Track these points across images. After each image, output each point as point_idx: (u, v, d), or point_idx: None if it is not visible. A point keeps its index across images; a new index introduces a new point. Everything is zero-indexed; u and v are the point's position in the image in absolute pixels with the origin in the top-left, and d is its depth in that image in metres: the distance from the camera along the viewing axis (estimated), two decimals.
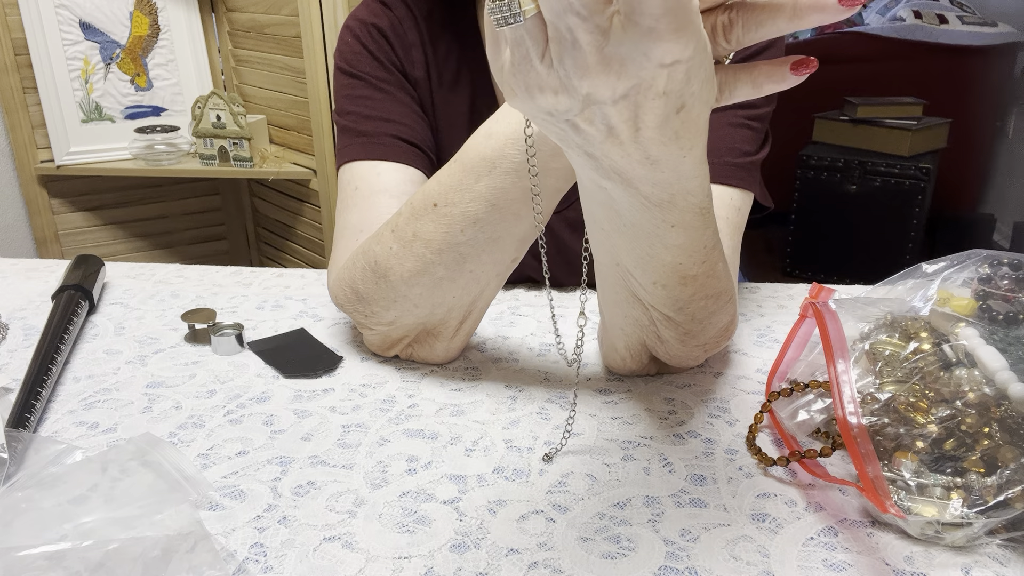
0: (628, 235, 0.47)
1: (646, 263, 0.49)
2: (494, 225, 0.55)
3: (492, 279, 0.59)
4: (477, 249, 0.56)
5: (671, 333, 0.56)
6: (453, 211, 0.55)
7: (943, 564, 0.42)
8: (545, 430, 0.55)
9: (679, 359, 0.59)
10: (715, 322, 0.55)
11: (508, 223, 0.55)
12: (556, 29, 0.33)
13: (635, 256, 0.49)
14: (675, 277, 0.50)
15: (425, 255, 0.56)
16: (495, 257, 0.57)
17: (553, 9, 0.32)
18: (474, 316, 0.62)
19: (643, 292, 0.52)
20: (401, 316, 0.61)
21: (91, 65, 2.00)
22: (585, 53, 0.33)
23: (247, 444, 0.54)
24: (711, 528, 0.45)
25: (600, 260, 0.53)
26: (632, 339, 0.59)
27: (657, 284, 0.50)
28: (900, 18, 2.96)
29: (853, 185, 2.61)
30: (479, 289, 0.59)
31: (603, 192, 0.44)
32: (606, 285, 0.55)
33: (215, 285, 0.83)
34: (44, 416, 0.58)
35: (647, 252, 0.48)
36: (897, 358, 0.50)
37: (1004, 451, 0.44)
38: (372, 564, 0.43)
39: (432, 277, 0.57)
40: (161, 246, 2.29)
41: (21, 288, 0.82)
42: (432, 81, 0.75)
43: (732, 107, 0.68)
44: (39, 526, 0.42)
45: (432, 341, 0.63)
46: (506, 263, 0.59)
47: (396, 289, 0.59)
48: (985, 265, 0.53)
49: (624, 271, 0.51)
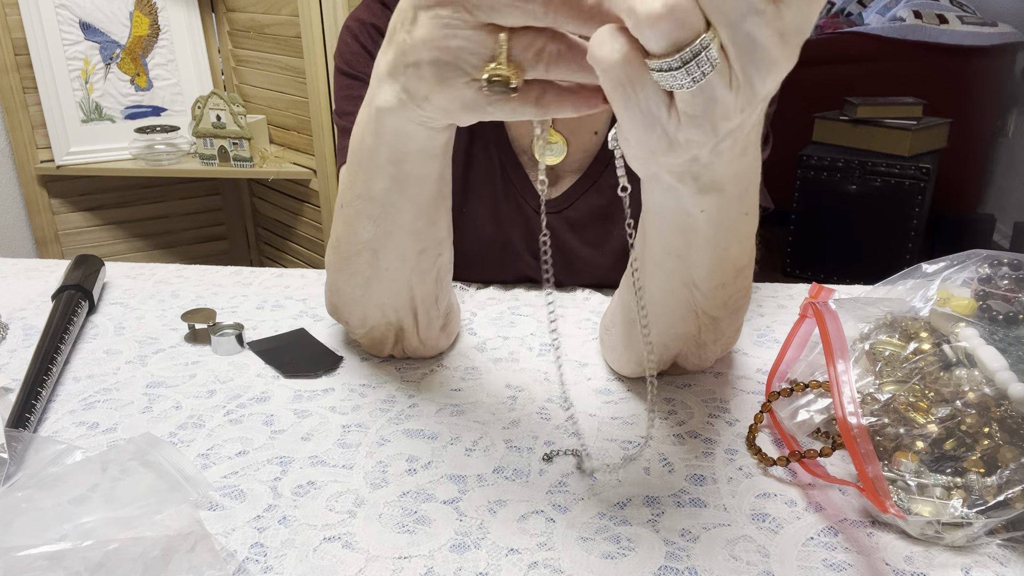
0: (709, 245, 0.47)
1: (716, 267, 0.49)
2: (383, 219, 0.54)
3: (412, 275, 0.58)
4: (381, 245, 0.56)
5: (711, 336, 0.56)
6: (350, 211, 0.56)
7: (943, 564, 0.42)
8: (545, 430, 0.55)
9: (699, 364, 0.60)
10: (742, 312, 0.56)
11: (392, 216, 0.54)
12: (734, 44, 0.31)
13: (710, 264, 0.48)
14: (732, 272, 0.50)
15: (348, 257, 0.58)
16: (399, 252, 0.56)
17: (733, 22, 0.30)
18: (431, 313, 0.61)
19: (704, 301, 0.52)
20: (365, 319, 0.62)
21: (91, 65, 2.00)
22: (768, 47, 0.31)
23: (247, 444, 0.54)
24: (711, 528, 0.45)
25: (663, 287, 0.52)
26: (668, 353, 0.58)
27: (718, 287, 0.51)
28: (900, 18, 2.96)
29: (853, 185, 2.61)
30: (406, 286, 0.58)
31: (689, 218, 0.44)
32: (664, 310, 0.54)
33: (215, 285, 0.83)
34: (44, 416, 0.58)
35: (722, 254, 0.48)
36: (897, 358, 0.50)
37: (1004, 451, 0.44)
38: (372, 564, 0.43)
39: (361, 278, 0.58)
40: (161, 246, 2.29)
41: (21, 288, 0.82)
42: None
43: None
44: (39, 526, 0.42)
45: (407, 339, 0.63)
46: (413, 258, 0.56)
47: (344, 293, 0.60)
48: (985, 265, 0.53)
49: (690, 289, 0.51)
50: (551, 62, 0.38)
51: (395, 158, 0.50)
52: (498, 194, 0.77)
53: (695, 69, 0.31)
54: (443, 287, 0.61)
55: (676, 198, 0.43)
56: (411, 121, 0.46)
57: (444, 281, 0.61)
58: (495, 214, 0.78)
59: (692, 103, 0.33)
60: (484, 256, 0.80)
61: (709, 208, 0.43)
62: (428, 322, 0.62)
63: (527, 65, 0.38)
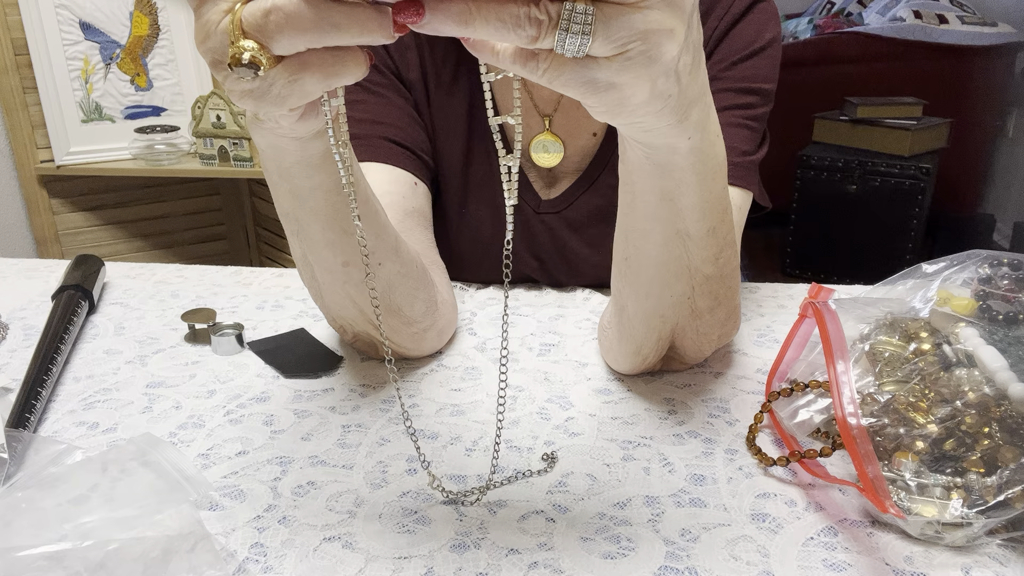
0: (697, 177, 0.47)
1: (706, 205, 0.49)
2: (300, 234, 0.54)
3: (347, 287, 0.57)
4: (309, 260, 0.56)
5: (706, 303, 0.55)
6: (282, 220, 0.55)
7: (943, 564, 0.42)
8: (545, 430, 0.55)
9: (697, 344, 0.59)
10: (735, 280, 0.56)
11: (305, 230, 0.54)
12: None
13: (700, 202, 0.49)
14: (719, 212, 0.51)
15: (299, 272, 0.59)
16: (324, 266, 0.56)
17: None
18: (390, 322, 0.60)
19: (697, 252, 0.52)
20: (341, 327, 0.63)
21: (91, 65, 2.00)
22: None
23: (247, 444, 0.54)
24: (711, 528, 0.45)
25: (656, 241, 0.52)
26: (666, 327, 0.57)
27: (709, 232, 0.51)
28: (900, 18, 2.95)
29: (853, 185, 2.61)
30: (346, 297, 0.58)
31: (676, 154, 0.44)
32: (659, 267, 0.53)
33: (215, 285, 0.83)
34: (44, 416, 0.58)
35: (709, 186, 0.48)
36: (897, 359, 0.51)
37: (1004, 451, 0.44)
38: (372, 564, 0.43)
39: (313, 291, 0.60)
40: (161, 246, 2.29)
41: (21, 288, 0.82)
42: (429, 83, 0.75)
43: (730, 107, 0.68)
44: (39, 526, 0.42)
45: (381, 346, 0.64)
46: (339, 270, 0.56)
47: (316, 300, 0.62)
48: (985, 265, 0.53)
49: (683, 239, 0.51)
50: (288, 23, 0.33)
51: (282, 173, 0.49)
52: (497, 195, 0.77)
53: (577, 26, 0.33)
54: (402, 296, 0.59)
55: (661, 136, 0.43)
56: (272, 134, 0.44)
57: (400, 290, 0.59)
58: (494, 214, 0.78)
59: (606, 45, 0.34)
60: (484, 256, 0.80)
61: (693, 133, 0.43)
62: (393, 330, 0.61)
63: (268, 36, 0.33)
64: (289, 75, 0.35)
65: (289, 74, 0.35)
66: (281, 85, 0.36)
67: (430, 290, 0.63)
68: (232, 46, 0.33)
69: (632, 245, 0.53)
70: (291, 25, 0.33)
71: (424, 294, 0.61)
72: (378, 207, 0.55)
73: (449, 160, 0.77)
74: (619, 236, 0.55)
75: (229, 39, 0.34)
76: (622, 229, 0.54)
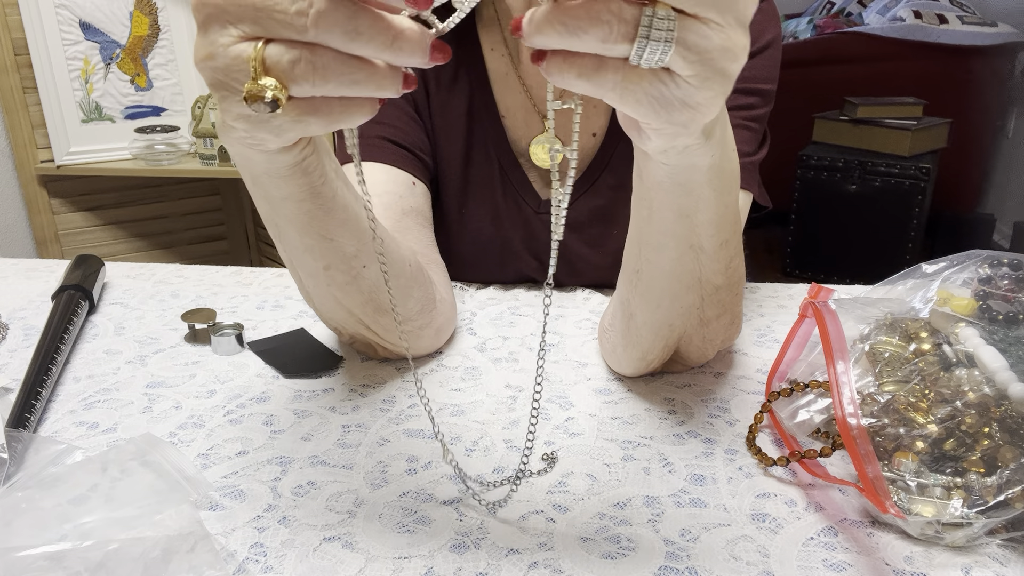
0: (715, 194, 0.47)
1: (721, 219, 0.49)
2: (280, 239, 0.54)
3: (331, 290, 0.57)
4: (294, 264, 0.56)
5: (713, 311, 0.55)
6: (264, 223, 0.55)
7: (943, 564, 0.42)
8: (545, 430, 0.55)
9: (701, 349, 0.59)
10: (740, 288, 0.56)
11: (283, 236, 0.54)
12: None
13: (716, 218, 0.48)
14: (732, 224, 0.51)
15: (287, 265, 0.58)
16: (306, 270, 0.56)
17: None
18: (382, 322, 0.60)
19: (708, 264, 0.51)
20: (336, 329, 0.63)
21: (91, 65, 2.00)
22: None
23: (247, 444, 0.54)
24: (711, 528, 0.45)
25: (671, 256, 0.51)
26: (674, 335, 0.57)
27: (722, 245, 0.51)
28: (900, 18, 2.95)
29: (853, 185, 2.61)
30: (333, 299, 0.58)
31: (697, 172, 0.44)
32: (671, 280, 0.53)
33: (215, 285, 0.83)
34: (44, 416, 0.58)
35: (726, 200, 0.48)
36: (897, 359, 0.51)
37: (1004, 451, 0.44)
38: (372, 564, 0.43)
39: (303, 294, 0.60)
40: (161, 246, 2.29)
41: (21, 288, 0.82)
42: (429, 83, 0.75)
43: (731, 108, 0.68)
44: (39, 526, 0.42)
45: (377, 347, 0.64)
46: (321, 274, 0.56)
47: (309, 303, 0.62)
48: (985, 265, 0.53)
49: (696, 252, 0.51)
50: (315, 74, 0.34)
51: (254, 180, 0.49)
52: (497, 195, 0.77)
53: (659, 32, 0.31)
54: (393, 295, 0.58)
55: (689, 155, 0.42)
56: (241, 143, 0.43)
57: (390, 289, 0.58)
58: (494, 214, 0.78)
59: (685, 58, 0.33)
60: (484, 256, 0.80)
61: (715, 150, 0.43)
62: (387, 329, 0.61)
63: (290, 79, 0.34)
64: (297, 115, 0.36)
65: (297, 114, 0.36)
66: (284, 120, 0.36)
67: (426, 288, 0.62)
68: (253, 83, 0.34)
69: (645, 259, 0.53)
70: (318, 76, 0.34)
71: (419, 292, 0.61)
72: (359, 212, 0.55)
73: (449, 160, 0.77)
74: (631, 248, 0.54)
75: (251, 74, 0.34)
76: (635, 241, 0.53)
